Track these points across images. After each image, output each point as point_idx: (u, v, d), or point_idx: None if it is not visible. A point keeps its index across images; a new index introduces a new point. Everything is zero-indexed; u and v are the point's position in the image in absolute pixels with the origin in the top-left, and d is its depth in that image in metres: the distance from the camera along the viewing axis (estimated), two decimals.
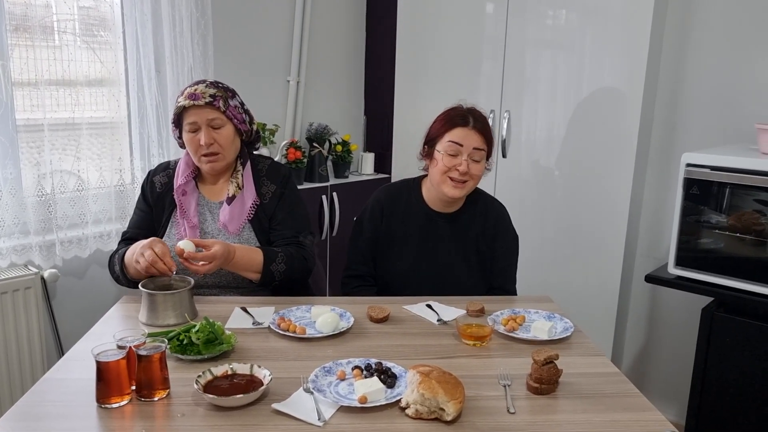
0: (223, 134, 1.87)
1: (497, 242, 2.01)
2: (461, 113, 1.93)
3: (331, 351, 1.50)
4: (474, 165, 1.88)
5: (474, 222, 2.01)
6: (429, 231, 2.00)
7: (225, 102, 1.87)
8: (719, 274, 2.07)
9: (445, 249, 1.99)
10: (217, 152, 1.87)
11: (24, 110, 2.28)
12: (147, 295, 1.63)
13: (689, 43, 2.56)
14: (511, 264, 2.05)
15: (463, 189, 1.90)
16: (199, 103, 1.83)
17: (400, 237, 2.01)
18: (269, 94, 3.15)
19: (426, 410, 1.21)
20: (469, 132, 1.88)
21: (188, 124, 1.85)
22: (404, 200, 2.03)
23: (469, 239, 2.00)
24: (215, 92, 1.85)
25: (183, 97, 1.85)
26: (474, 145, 1.88)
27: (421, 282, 1.97)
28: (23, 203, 2.28)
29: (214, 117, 1.85)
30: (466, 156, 1.87)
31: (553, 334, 1.61)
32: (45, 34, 2.28)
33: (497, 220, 2.02)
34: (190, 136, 1.86)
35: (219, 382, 1.30)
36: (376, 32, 3.56)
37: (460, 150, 1.87)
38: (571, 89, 2.68)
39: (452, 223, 2.00)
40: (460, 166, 1.86)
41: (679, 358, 2.71)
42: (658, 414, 1.26)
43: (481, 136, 1.90)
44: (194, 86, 1.87)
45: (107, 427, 1.19)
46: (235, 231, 1.90)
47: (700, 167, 2.07)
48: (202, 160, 1.89)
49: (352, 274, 2.06)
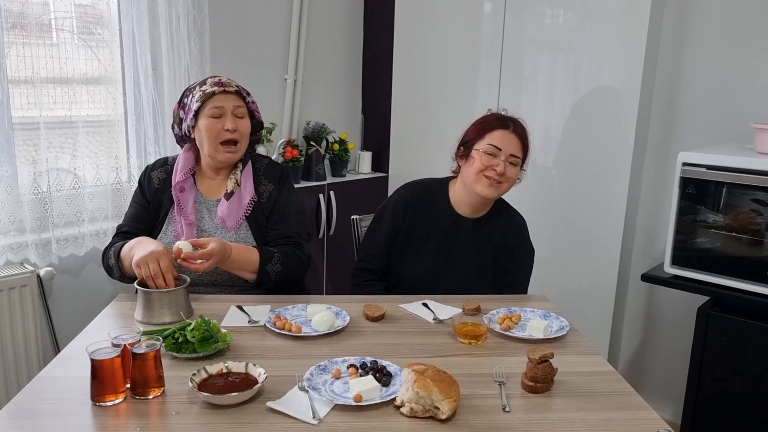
0: (244, 124, 1.90)
1: (514, 255, 2.01)
2: (502, 118, 1.95)
3: (326, 349, 1.50)
4: (510, 168, 1.89)
5: (496, 232, 2.00)
6: (451, 234, 1.99)
7: (248, 94, 1.93)
8: (715, 274, 2.07)
9: (464, 253, 1.98)
10: (237, 141, 1.88)
11: (21, 108, 2.27)
12: (143, 293, 1.63)
13: (686, 43, 2.57)
14: (524, 277, 2.04)
15: (497, 189, 1.90)
16: (229, 90, 1.86)
17: (420, 237, 1.99)
18: (266, 93, 3.15)
19: (421, 409, 1.21)
20: (510, 136, 1.90)
21: (213, 109, 1.85)
22: (430, 200, 2.02)
23: (489, 249, 1.99)
24: (238, 86, 1.91)
25: (208, 86, 1.86)
26: (512, 151, 1.89)
27: (435, 286, 1.95)
28: (19, 201, 2.27)
29: (239, 105, 1.89)
30: (504, 158, 1.88)
31: (548, 333, 1.61)
32: (42, 32, 2.28)
33: (517, 233, 2.03)
34: (212, 122, 1.85)
35: (214, 380, 1.30)
36: (374, 31, 3.55)
37: (499, 152, 1.88)
38: (568, 88, 2.68)
39: (475, 229, 1.99)
40: (497, 167, 1.87)
41: (675, 357, 2.72)
42: (653, 413, 1.27)
43: (520, 142, 1.91)
44: (215, 77, 1.89)
45: (102, 426, 1.18)
46: (233, 226, 1.90)
47: (697, 166, 2.07)
48: (219, 149, 1.87)
49: (364, 267, 2.03)
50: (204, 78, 1.94)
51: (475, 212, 2.00)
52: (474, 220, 2.00)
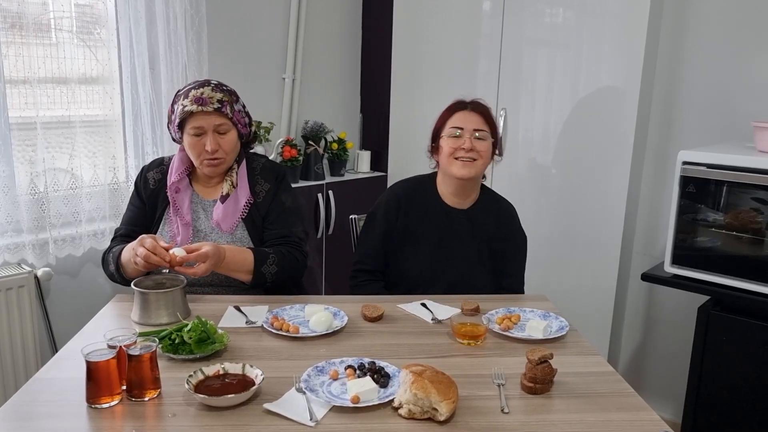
0: (228, 139, 1.85)
1: (508, 242, 2.02)
2: (459, 101, 1.98)
3: (324, 350, 1.49)
4: (478, 143, 1.90)
5: (487, 220, 2.00)
6: (446, 228, 1.99)
7: (231, 107, 1.84)
8: (716, 273, 2.06)
9: (461, 245, 1.98)
10: (221, 157, 1.85)
11: (19, 108, 2.26)
12: (139, 293, 1.62)
13: (686, 41, 2.55)
14: (520, 265, 2.05)
15: (472, 167, 1.91)
16: (207, 109, 1.80)
17: (416, 234, 1.99)
18: (264, 92, 3.14)
19: (419, 410, 1.20)
20: (469, 114, 1.93)
21: (193, 128, 1.81)
22: (421, 195, 2.02)
23: (483, 237, 1.99)
24: (222, 97, 1.82)
25: (189, 100, 1.80)
26: (474, 126, 1.91)
27: (436, 280, 1.95)
28: (16, 201, 2.26)
29: (221, 123, 1.83)
30: (469, 135, 1.90)
31: (548, 333, 1.59)
32: (41, 32, 2.27)
33: (509, 221, 2.04)
34: (194, 140, 1.83)
35: (210, 381, 1.29)
36: (373, 29, 3.54)
37: (462, 131, 1.91)
38: (567, 87, 2.67)
39: (469, 219, 2.00)
40: (464, 144, 1.89)
41: (675, 357, 2.71)
42: (653, 414, 1.25)
43: (481, 116, 1.93)
44: (200, 89, 1.82)
45: (97, 428, 1.17)
46: (229, 229, 1.89)
47: (697, 165, 2.06)
48: (203, 163, 1.86)
49: (361, 269, 2.02)
50: (195, 82, 1.87)
51: (463, 201, 2.01)
52: (465, 210, 2.01)
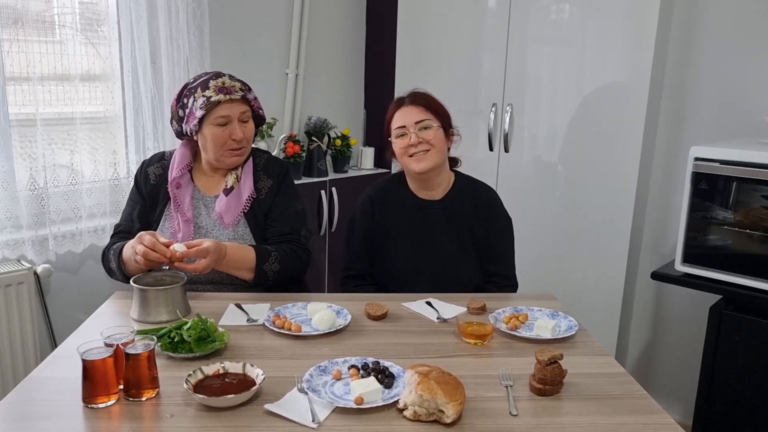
0: (250, 128, 1.87)
1: (491, 226, 1.97)
2: (398, 97, 1.97)
3: (327, 349, 1.45)
4: (425, 132, 1.88)
5: (465, 207, 1.97)
6: (421, 221, 1.97)
7: (249, 90, 1.87)
8: (728, 272, 2.02)
9: (440, 237, 1.95)
10: (244, 146, 1.85)
11: (21, 105, 2.24)
12: (138, 290, 1.58)
13: (697, 35, 2.51)
14: (508, 248, 2.00)
15: (428, 159, 1.89)
16: (234, 97, 1.80)
17: (394, 230, 1.98)
18: (267, 87, 3.10)
19: (425, 412, 1.16)
20: (407, 109, 1.92)
21: (220, 117, 1.80)
22: (393, 193, 2.01)
23: (463, 226, 1.96)
24: (241, 85, 1.84)
25: (212, 91, 1.78)
26: (415, 119, 1.89)
27: (420, 273, 1.94)
28: (16, 197, 2.23)
29: (245, 110, 1.84)
30: (412, 130, 1.88)
31: (556, 333, 1.56)
32: (44, 29, 2.25)
33: (489, 204, 1.99)
34: (219, 131, 1.81)
35: (210, 381, 1.25)
36: (377, 25, 3.50)
37: (405, 130, 1.89)
38: (574, 83, 2.63)
39: (443, 210, 1.97)
40: (411, 141, 1.88)
41: (684, 357, 2.67)
42: (667, 417, 1.22)
43: (419, 107, 1.91)
44: (218, 79, 1.81)
45: (93, 428, 1.14)
46: (231, 222, 1.86)
47: (709, 161, 2.02)
48: (227, 153, 1.84)
49: (350, 274, 2.03)
50: (205, 75, 1.84)
51: (434, 192, 1.98)
52: (440, 200, 1.98)
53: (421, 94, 1.94)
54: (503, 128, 2.78)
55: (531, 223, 2.75)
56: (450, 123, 1.95)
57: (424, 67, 3.04)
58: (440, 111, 1.93)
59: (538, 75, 2.71)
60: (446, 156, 1.96)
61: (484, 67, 2.85)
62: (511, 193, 2.78)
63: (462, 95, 2.90)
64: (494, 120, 2.80)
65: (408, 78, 3.10)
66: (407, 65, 3.11)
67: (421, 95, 1.94)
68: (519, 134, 2.79)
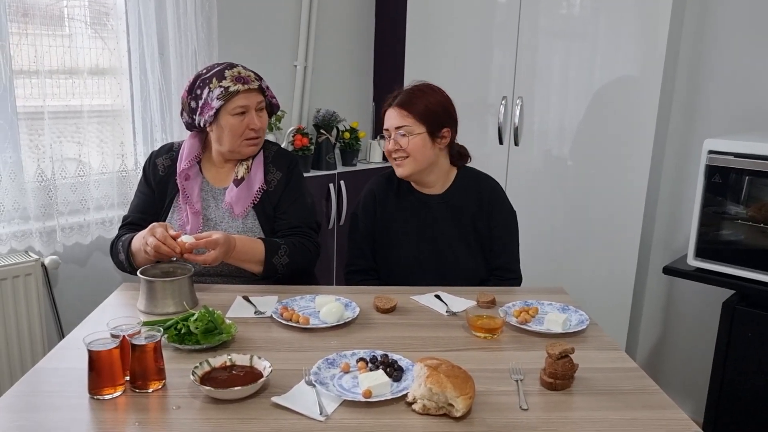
0: (265, 117, 1.89)
1: (494, 219, 1.94)
2: (389, 96, 1.92)
3: (335, 342, 1.44)
4: (402, 139, 1.85)
5: (467, 200, 1.94)
6: (424, 214, 1.95)
7: (261, 79, 1.87)
8: (741, 266, 1.98)
9: (443, 231, 1.93)
10: (261, 135, 1.87)
11: (31, 98, 2.23)
12: (146, 282, 1.57)
13: (709, 28, 2.47)
14: (511, 241, 1.97)
15: (403, 166, 1.88)
16: (252, 86, 1.80)
17: (397, 224, 1.96)
18: (275, 79, 3.06)
19: (434, 405, 1.15)
20: (391, 111, 1.89)
21: (238, 107, 1.79)
22: (395, 187, 1.99)
23: (465, 219, 1.93)
24: (255, 75, 1.84)
25: (229, 81, 1.78)
26: (395, 124, 1.86)
27: (423, 268, 1.92)
28: (23, 188, 2.23)
29: (261, 100, 1.85)
30: (394, 135, 1.87)
31: (567, 327, 1.54)
32: (53, 23, 2.25)
33: (492, 197, 1.95)
34: (236, 120, 1.80)
35: (217, 373, 1.24)
36: (386, 17, 3.48)
37: (389, 133, 1.88)
38: (585, 77, 2.59)
39: (446, 203, 1.94)
40: (389, 146, 1.88)
41: (695, 353, 2.64)
42: (680, 412, 1.20)
43: (402, 111, 1.85)
44: (233, 69, 1.81)
45: (99, 420, 1.13)
46: (241, 213, 1.84)
47: (723, 154, 1.98)
48: (244, 143, 1.84)
49: (354, 270, 2.01)
50: (218, 66, 1.83)
51: (432, 187, 1.96)
52: (441, 194, 1.95)
53: (409, 96, 1.86)
54: (513, 122, 2.75)
55: (541, 216, 2.73)
56: (442, 125, 1.86)
57: (433, 60, 3.02)
58: (426, 115, 1.83)
59: (549, 68, 2.68)
60: (430, 160, 1.88)
61: (494, 60, 2.82)
62: (521, 186, 2.76)
63: (472, 88, 2.87)
64: (504, 113, 2.77)
65: (417, 70, 3.08)
66: (416, 57, 3.08)
67: (408, 97, 1.86)
68: (529, 128, 2.76)
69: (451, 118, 1.90)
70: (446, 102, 1.90)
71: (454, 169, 1.98)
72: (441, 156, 1.92)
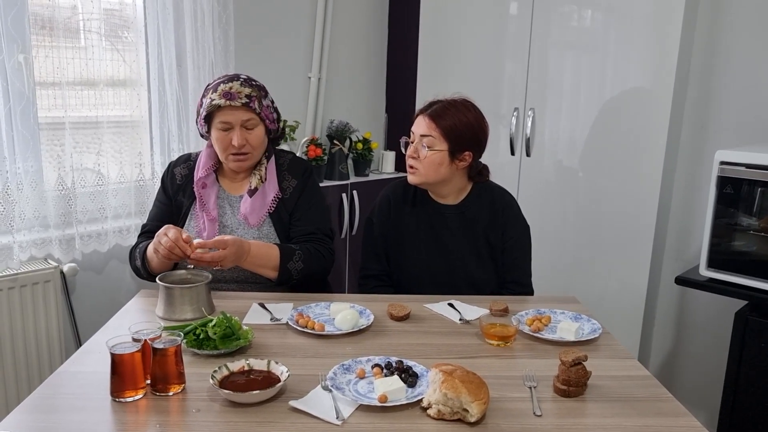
0: (255, 135, 1.84)
1: (507, 233, 1.94)
2: (426, 103, 1.91)
3: (350, 348, 1.46)
4: (422, 150, 1.84)
5: (482, 213, 1.95)
6: (437, 223, 1.95)
7: (259, 102, 1.83)
8: (754, 277, 1.99)
9: (455, 241, 1.94)
10: (248, 152, 1.84)
11: (50, 108, 2.27)
12: (164, 288, 1.60)
13: (721, 39, 2.48)
14: (524, 256, 1.97)
15: (413, 174, 1.89)
16: (235, 104, 1.78)
17: (410, 231, 1.97)
18: (290, 90, 3.13)
19: (449, 411, 1.16)
20: (422, 118, 1.87)
21: (221, 123, 1.81)
22: (410, 194, 2.00)
23: (478, 231, 1.94)
24: (250, 92, 1.81)
25: (217, 94, 1.79)
26: (422, 132, 1.85)
27: (434, 276, 1.93)
28: (44, 197, 2.27)
29: (249, 118, 1.82)
30: (417, 142, 1.86)
31: (580, 336, 1.55)
32: (70, 35, 2.29)
33: (505, 210, 1.95)
34: (221, 135, 1.82)
35: (235, 377, 1.27)
36: (399, 29, 3.52)
37: (414, 137, 1.88)
38: (596, 88, 2.62)
39: (460, 215, 1.95)
40: (409, 150, 1.88)
41: (708, 364, 2.63)
42: (693, 420, 1.21)
43: (431, 121, 1.84)
44: (228, 83, 1.80)
45: (121, 422, 1.16)
46: (256, 223, 1.87)
47: (735, 165, 1.99)
48: (230, 158, 1.85)
49: (367, 275, 2.02)
50: (223, 77, 1.86)
51: (446, 198, 1.96)
52: (456, 205, 1.96)
53: (443, 109, 1.84)
54: (525, 133, 2.77)
55: (553, 227, 2.74)
56: (465, 147, 1.84)
57: (445, 71, 3.05)
58: (452, 133, 1.81)
59: (560, 80, 2.70)
60: (443, 177, 1.87)
61: (506, 71, 2.85)
62: (533, 197, 2.77)
63: (484, 99, 2.85)
64: (516, 124, 2.79)
65: (430, 82, 3.11)
66: (429, 69, 3.11)
67: (441, 110, 1.84)
68: (540, 139, 2.78)
69: (476, 143, 1.87)
70: (477, 126, 1.86)
71: (468, 182, 1.98)
72: (458, 175, 1.91)
